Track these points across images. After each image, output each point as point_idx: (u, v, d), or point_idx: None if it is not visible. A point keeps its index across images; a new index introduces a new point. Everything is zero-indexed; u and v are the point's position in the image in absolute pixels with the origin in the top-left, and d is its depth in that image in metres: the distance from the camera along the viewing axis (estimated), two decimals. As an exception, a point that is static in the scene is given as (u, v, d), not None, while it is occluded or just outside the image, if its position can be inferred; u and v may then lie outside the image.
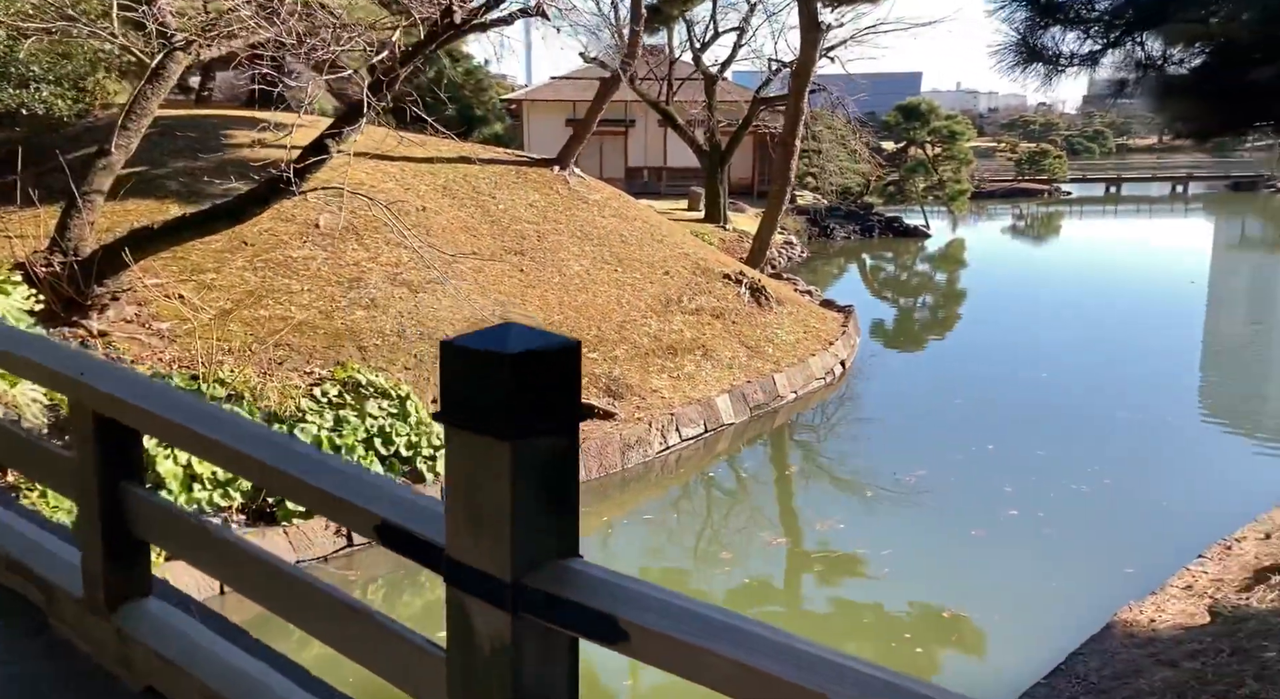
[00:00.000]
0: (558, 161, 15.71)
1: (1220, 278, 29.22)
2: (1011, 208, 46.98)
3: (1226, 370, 16.33)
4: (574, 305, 12.34)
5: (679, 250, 15.06)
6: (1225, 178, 56.32)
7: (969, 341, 17.78)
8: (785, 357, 13.44)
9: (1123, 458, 10.70)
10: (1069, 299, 22.84)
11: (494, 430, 1.46)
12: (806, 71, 19.05)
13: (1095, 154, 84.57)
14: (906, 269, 30.68)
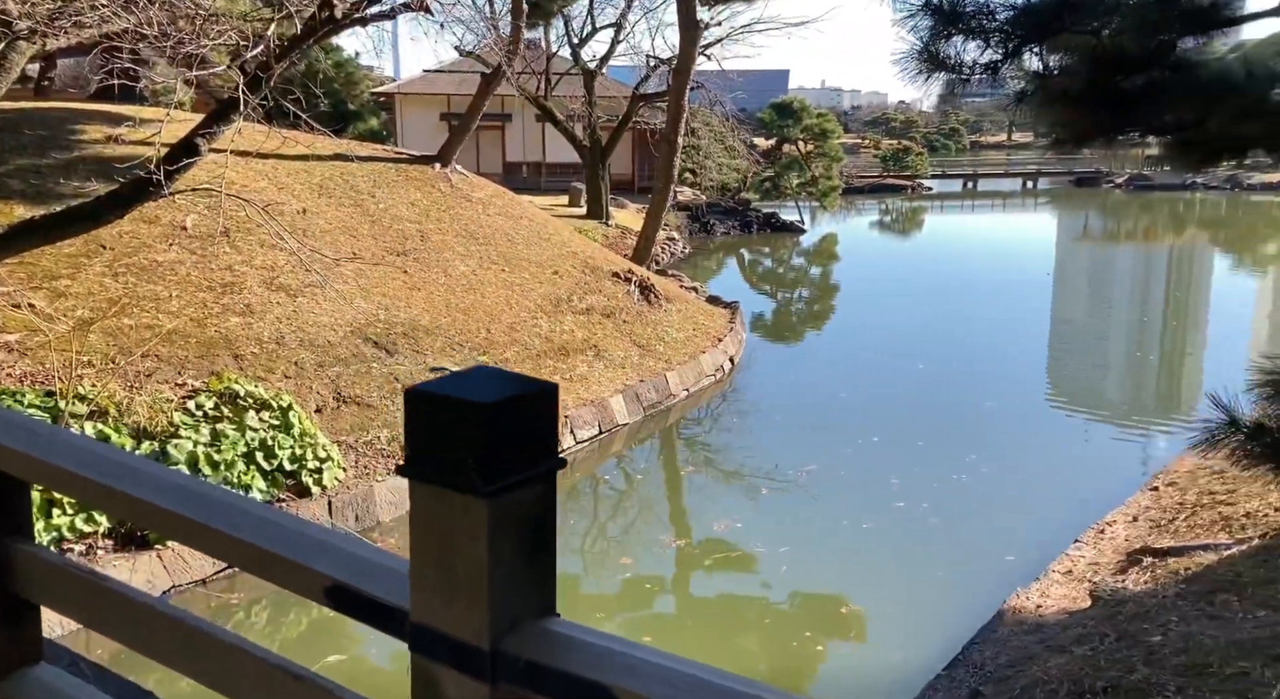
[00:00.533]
0: (439, 159, 15.32)
1: (1064, 268, 31.11)
2: (878, 203, 48.70)
3: (1073, 356, 17.32)
4: (462, 307, 12.06)
5: (567, 249, 14.93)
6: (1069, 174, 59.87)
7: (847, 335, 18.31)
8: (676, 354, 13.51)
9: (996, 446, 11.20)
10: (937, 291, 23.94)
11: (469, 486, 1.35)
12: (686, 69, 19.19)
13: (952, 151, 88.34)
14: (783, 263, 31.37)
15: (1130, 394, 15.09)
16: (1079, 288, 27.93)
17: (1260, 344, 19.06)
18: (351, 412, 9.93)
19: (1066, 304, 24.03)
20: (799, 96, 38.68)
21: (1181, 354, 17.94)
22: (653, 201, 20.37)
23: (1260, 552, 5.87)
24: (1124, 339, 19.58)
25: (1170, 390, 15.39)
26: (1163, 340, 19.44)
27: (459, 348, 11.37)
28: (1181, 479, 8.46)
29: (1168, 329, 20.63)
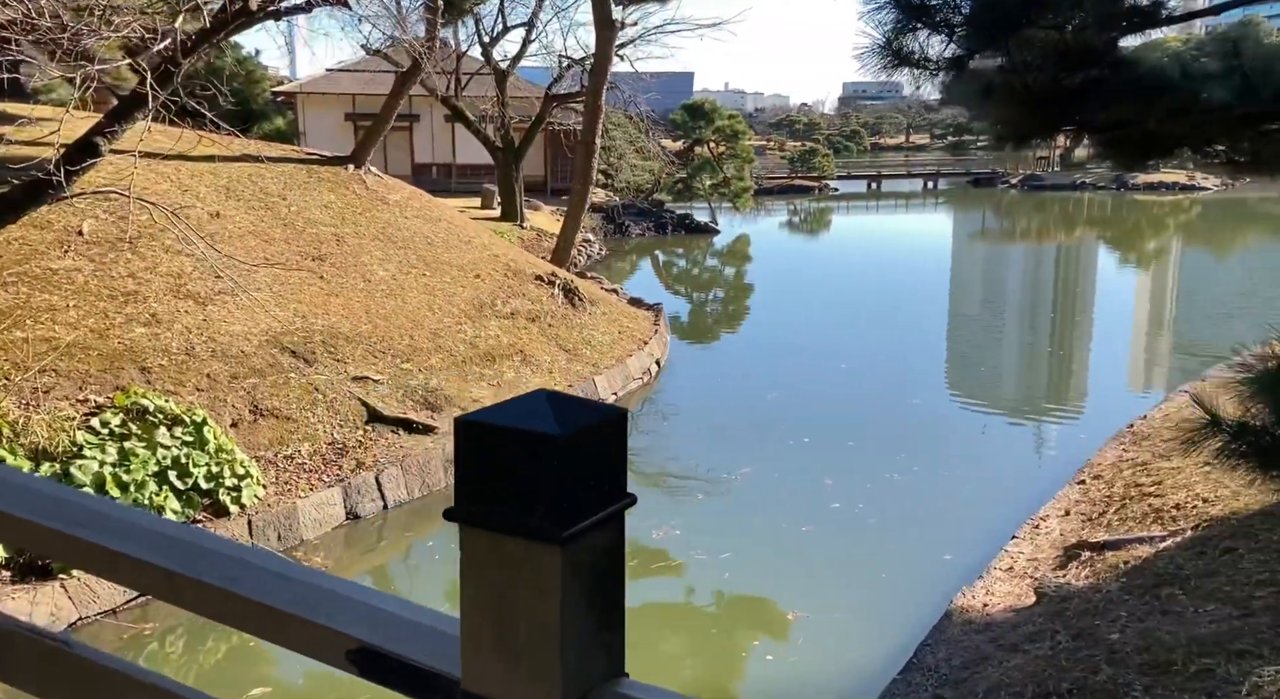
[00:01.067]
0: (352, 160, 14.80)
1: (961, 265, 32.14)
2: (787, 204, 49.48)
3: (977, 352, 17.80)
4: (383, 313, 11.64)
5: (488, 252, 14.59)
6: (967, 174, 61.94)
7: (767, 334, 18.40)
8: (603, 358, 13.34)
9: (924, 443, 11.36)
10: (849, 289, 24.50)
11: (539, 532, 1.16)
12: (603, 69, 19.02)
13: (854, 152, 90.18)
14: (699, 265, 31.52)
15: (1029, 386, 15.52)
16: (976, 285, 28.82)
17: (1141, 335, 20.03)
18: (270, 425, 9.46)
19: (963, 301, 24.74)
20: (711, 98, 38.91)
21: (1071, 347, 18.56)
22: (571, 203, 20.14)
23: (1194, 543, 6.02)
24: (1021, 334, 20.21)
25: (1066, 382, 15.85)
26: (1055, 334, 20.11)
27: (381, 355, 10.97)
28: (1106, 472, 8.68)
29: (1059, 323, 21.35)
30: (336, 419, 9.90)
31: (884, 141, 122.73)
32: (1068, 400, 14.45)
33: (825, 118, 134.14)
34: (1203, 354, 16.64)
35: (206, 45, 7.56)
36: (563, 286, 14.56)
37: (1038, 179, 55.78)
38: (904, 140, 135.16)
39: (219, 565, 1.55)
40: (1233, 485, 6.82)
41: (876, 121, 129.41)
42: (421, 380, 10.93)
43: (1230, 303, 23.13)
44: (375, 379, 10.61)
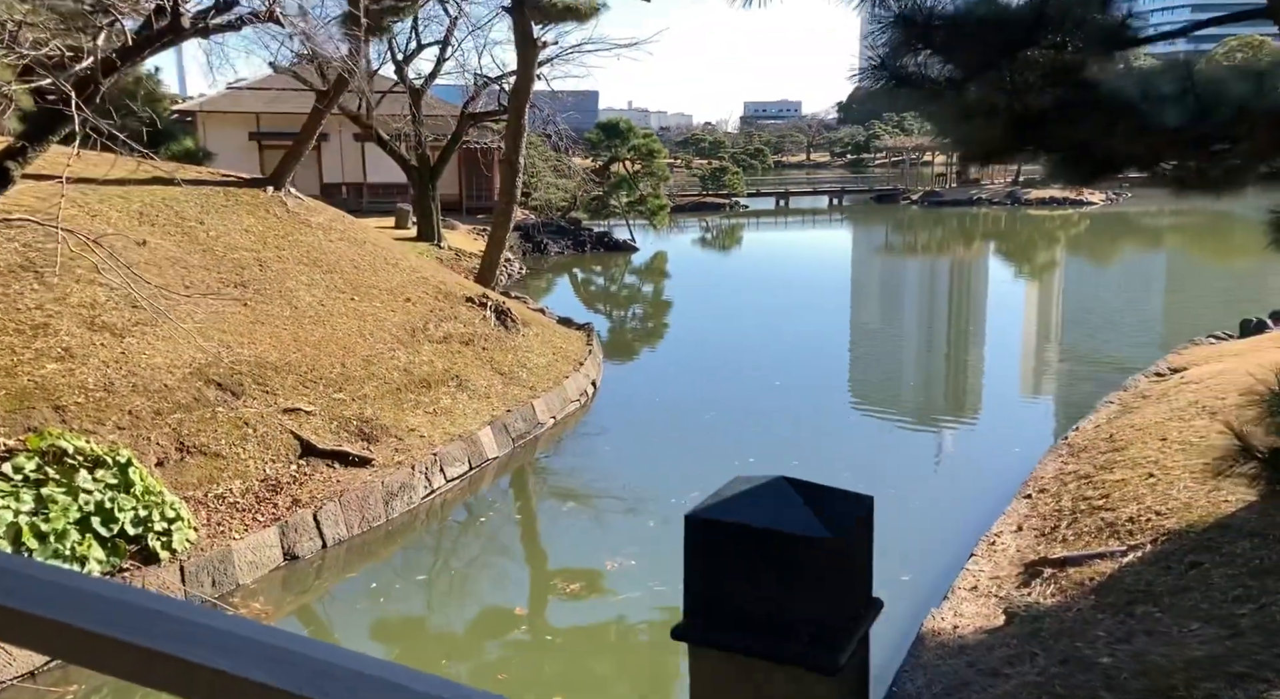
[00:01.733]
0: (271, 182, 14.24)
1: (864, 279, 32.95)
2: (699, 221, 49.96)
3: (895, 365, 18.19)
4: (312, 341, 11.17)
5: (416, 275, 14.19)
6: (870, 191, 63.68)
7: (696, 352, 18.40)
8: (540, 381, 13.09)
9: (867, 460, 11.46)
10: (769, 304, 24.86)
11: (810, 661, 0.99)
12: (525, 88, 18.83)
13: (758, 170, 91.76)
14: (620, 282, 31.46)
15: (951, 397, 15.89)
16: (878, 298, 29.54)
17: (1030, 343, 20.82)
18: (198, 463, 8.95)
19: (866, 313, 25.34)
20: (625, 118, 39.05)
21: (982, 357, 19.11)
22: (494, 223, 19.83)
23: (1157, 558, 6.15)
24: (932, 346, 20.73)
25: (986, 390, 16.25)
26: (961, 346, 20.67)
27: (313, 385, 10.52)
28: (1050, 485, 8.87)
29: (960, 336, 21.96)
30: (269, 454, 9.43)
31: (786, 159, 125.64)
32: (986, 409, 14.76)
33: (729, 136, 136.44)
34: (1087, 361, 17.53)
35: (130, 63, 7.11)
36: (495, 308, 14.27)
37: (937, 195, 57.65)
38: (805, 158, 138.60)
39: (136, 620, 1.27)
40: (1182, 498, 7.02)
41: (779, 140, 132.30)
42: (356, 410, 10.52)
43: (1110, 311, 24.51)
44: (307, 410, 10.16)
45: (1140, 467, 8.21)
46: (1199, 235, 44.04)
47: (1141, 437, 9.16)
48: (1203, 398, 9.81)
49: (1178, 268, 34.61)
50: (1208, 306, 24.44)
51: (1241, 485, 6.87)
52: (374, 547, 9.24)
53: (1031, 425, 13.44)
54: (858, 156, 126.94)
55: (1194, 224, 47.36)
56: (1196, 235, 44.32)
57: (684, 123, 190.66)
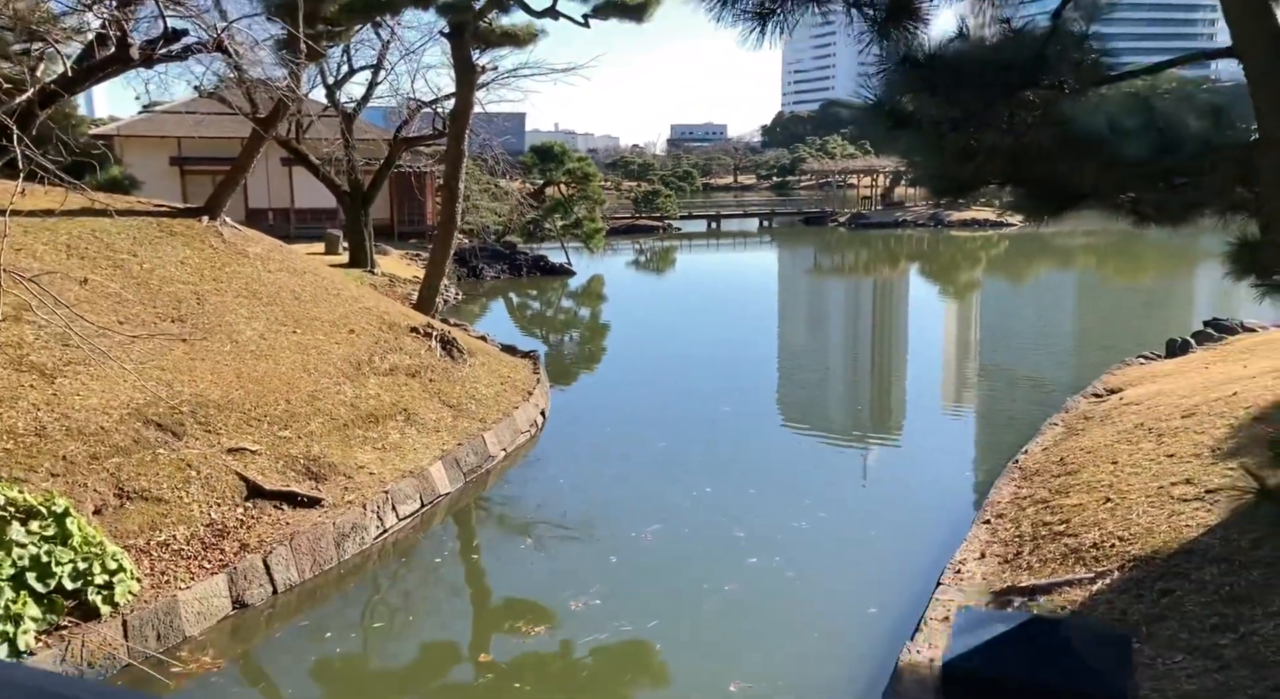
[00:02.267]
0: (206, 211, 13.76)
1: (797, 300, 33.42)
2: (633, 243, 50.13)
3: (826, 386, 18.41)
4: (254, 377, 10.78)
5: (359, 305, 13.85)
6: (799, 213, 64.72)
7: (641, 377, 18.33)
8: (489, 413, 12.86)
9: (825, 487, 11.49)
10: (708, 325, 25.08)
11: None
12: (465, 113, 18.65)
13: (687, 192, 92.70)
14: (557, 307, 31.30)
15: (879, 418, 16.10)
16: (810, 318, 29.98)
17: (950, 360, 21.41)
18: (139, 509, 8.53)
19: (797, 334, 25.70)
20: (559, 141, 39.03)
21: (914, 378, 19.51)
22: (435, 249, 19.54)
23: (1127, 585, 6.25)
24: (871, 370, 21.03)
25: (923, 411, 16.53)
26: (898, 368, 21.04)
27: (257, 423, 10.14)
28: (1007, 510, 9.00)
29: (897, 358, 22.33)
30: (213, 497, 9.04)
31: (714, 182, 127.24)
32: (926, 430, 14.93)
33: (658, 159, 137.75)
34: (1004, 377, 18.06)
35: (72, 93, 6.79)
36: (440, 338, 14.00)
37: (864, 217, 58.87)
38: (733, 180, 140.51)
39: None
40: (1143, 523, 7.17)
41: (706, 162, 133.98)
42: (303, 448, 10.17)
43: (1024, 328, 25.46)
44: (253, 450, 9.78)
45: (1096, 491, 8.38)
46: (1109, 255, 45.91)
47: (1092, 460, 9.37)
48: (1146, 420, 10.09)
49: (1092, 287, 35.85)
50: (1124, 323, 25.36)
51: (1200, 510, 7.05)
52: (327, 591, 8.91)
53: (973, 445, 13.69)
54: (783, 179, 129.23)
55: (1104, 245, 49.47)
56: (1107, 255, 46.17)
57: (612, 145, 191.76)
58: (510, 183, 33.89)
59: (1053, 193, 6.35)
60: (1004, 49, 4.10)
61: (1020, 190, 6.36)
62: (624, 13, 17.90)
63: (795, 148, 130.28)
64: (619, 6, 17.76)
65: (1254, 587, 5.37)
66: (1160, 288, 35.18)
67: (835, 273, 43.03)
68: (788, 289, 36.63)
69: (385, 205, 34.87)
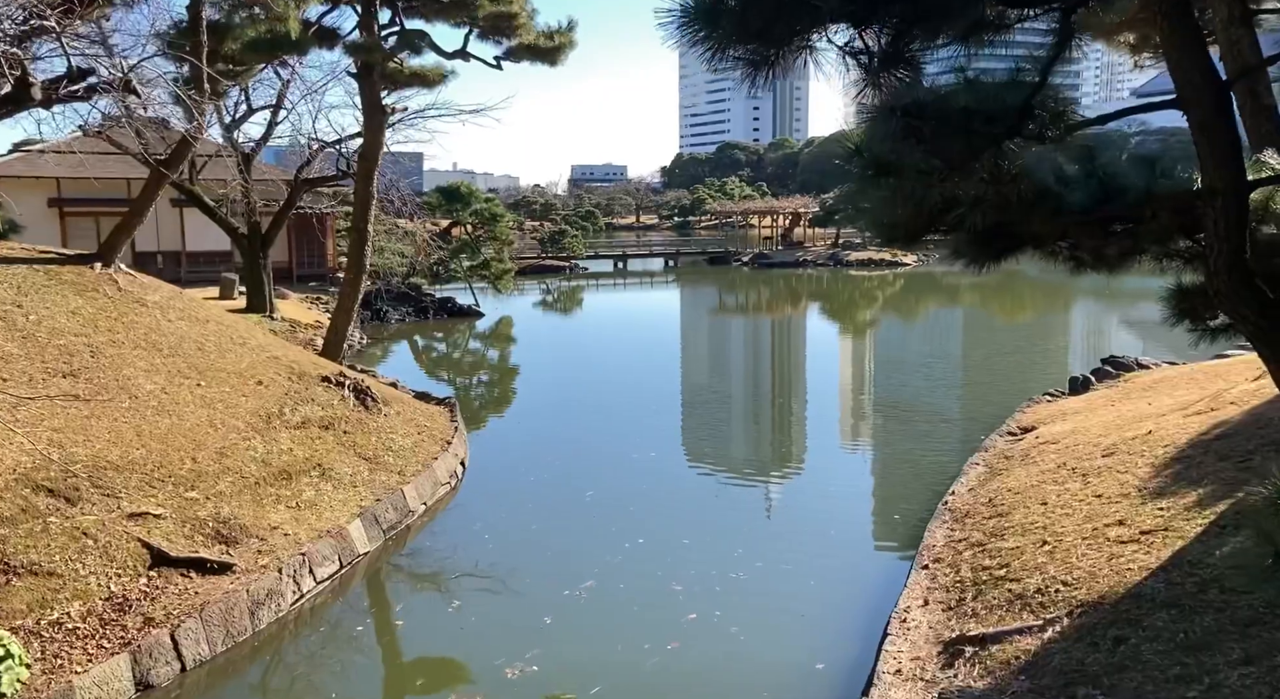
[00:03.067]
0: (99, 257, 12.93)
1: (703, 338, 33.70)
2: (539, 283, 49.85)
3: (709, 422, 18.47)
4: (157, 434, 10.07)
5: (267, 354, 13.19)
6: (704, 253, 65.58)
7: (559, 421, 17.99)
8: (408, 465, 12.35)
9: (755, 536, 11.35)
10: (620, 367, 25.02)
11: None
12: (374, 154, 18.20)
13: (589, 232, 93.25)
14: (462, 349, 30.73)
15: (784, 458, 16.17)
16: (724, 358, 30.22)
17: (846, 394, 22.08)
18: (28, 584, 7.79)
19: (707, 374, 25.86)
20: (465, 181, 38.63)
21: (810, 418, 19.84)
22: (343, 294, 18.90)
23: (1079, 632, 6.25)
24: (777, 408, 21.20)
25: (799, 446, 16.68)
26: (802, 410, 21.31)
27: (161, 484, 9.45)
28: (944, 554, 9.01)
29: (801, 397, 22.63)
30: (113, 567, 8.35)
31: (617, 221, 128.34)
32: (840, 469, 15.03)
33: (560, 198, 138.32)
34: (914, 416, 18.58)
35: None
36: (353, 388, 13.44)
37: (766, 257, 60.03)
38: (635, 220, 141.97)
39: None
40: (1084, 566, 7.23)
41: (608, 202, 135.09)
42: (211, 509, 9.52)
43: (916, 362, 26.44)
44: (156, 514, 9.10)
45: (1031, 533, 8.46)
46: (994, 293, 48.13)
47: (1022, 501, 9.50)
48: (1068, 460, 10.32)
49: (984, 323, 37.18)
50: (1016, 359, 26.32)
51: (1139, 552, 7.16)
52: (241, 665, 8.28)
53: (894, 485, 13.80)
54: (684, 219, 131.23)
55: (990, 283, 51.79)
56: (992, 293, 48.38)
57: (512, 185, 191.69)
58: (415, 223, 33.28)
59: (996, 240, 6.43)
60: (990, 99, 4.09)
61: (963, 238, 6.43)
62: (538, 56, 17.82)
63: (695, 189, 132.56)
64: (534, 50, 17.67)
65: (1209, 634, 5.41)
66: (1042, 324, 36.89)
67: (740, 311, 43.56)
68: (697, 328, 36.86)
69: (283, 247, 33.77)
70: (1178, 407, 11.54)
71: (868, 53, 4.18)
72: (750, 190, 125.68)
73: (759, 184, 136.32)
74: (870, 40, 4.14)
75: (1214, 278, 5.05)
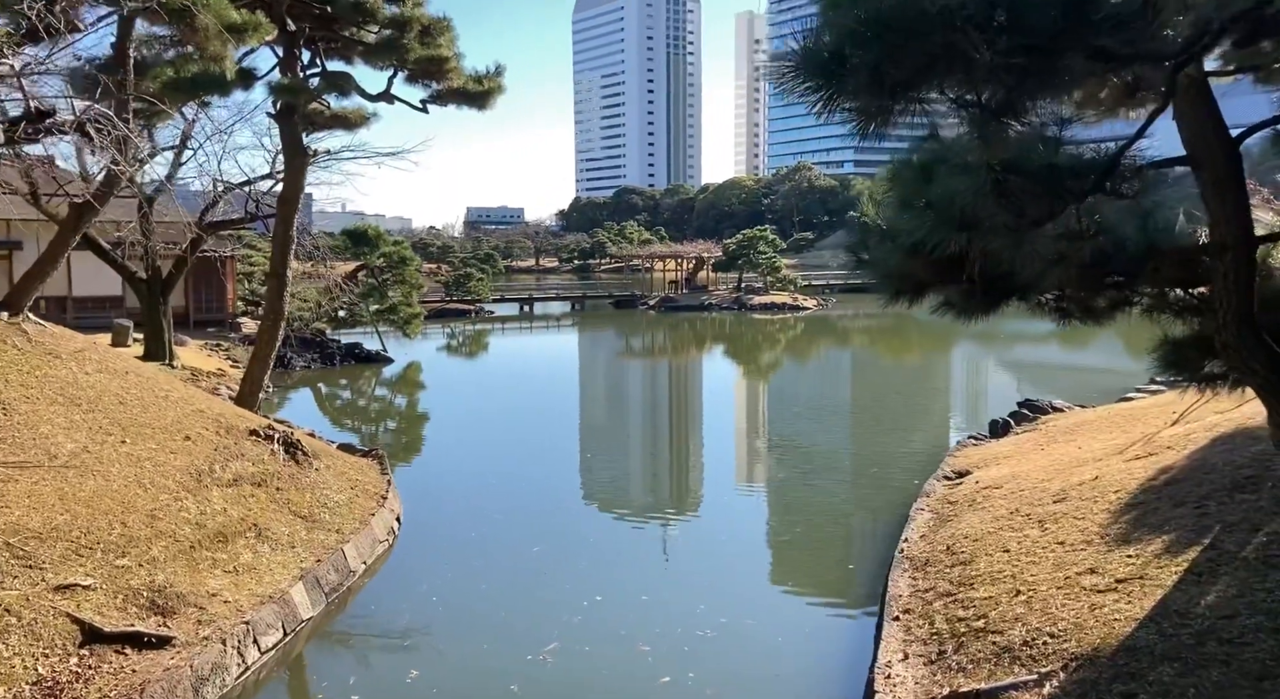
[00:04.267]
0: (6, 307, 11.99)
1: (608, 381, 33.67)
2: (444, 327, 49.00)
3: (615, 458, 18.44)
4: (81, 497, 9.31)
5: (191, 407, 12.43)
6: (610, 296, 65.81)
7: (489, 467, 17.50)
8: (345, 522, 11.77)
9: (716, 589, 11.17)
10: (541, 413, 24.69)
11: None
12: (294, 197, 17.61)
13: (489, 274, 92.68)
14: (366, 396, 29.86)
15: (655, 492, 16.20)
16: (616, 399, 30.24)
17: (742, 435, 22.63)
18: (-54, 671, 7.02)
19: (604, 415, 25.81)
20: (373, 225, 37.85)
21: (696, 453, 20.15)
22: (259, 342, 18.08)
23: (1081, 688, 6.28)
24: (647, 441, 21.25)
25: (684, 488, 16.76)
26: (681, 445, 21.44)
27: (89, 552, 8.71)
28: (913, 605, 9.02)
29: (684, 433, 22.82)
30: (39, 647, 7.62)
31: (516, 264, 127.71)
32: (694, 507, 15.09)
33: (457, 241, 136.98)
34: (794, 449, 19.10)
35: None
36: (283, 441, 12.78)
37: (672, 301, 60.59)
38: (535, 263, 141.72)
39: None
40: (1068, 616, 7.32)
41: (507, 245, 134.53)
42: (145, 578, 8.82)
43: (808, 402, 27.43)
44: (85, 585, 8.38)
45: (1001, 582, 8.56)
46: (885, 334, 50.15)
47: (983, 548, 9.62)
48: (1020, 506, 10.54)
49: (888, 366, 38.25)
50: (925, 400, 27.10)
51: (1120, 602, 7.30)
52: (184, 751, 7.63)
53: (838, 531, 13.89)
54: (585, 262, 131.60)
55: (882, 326, 54.07)
56: (884, 335, 50.37)
57: (405, 227, 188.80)
58: (325, 267, 32.33)
59: (990, 293, 6.56)
60: (1077, 156, 4.15)
61: (956, 291, 6.53)
62: (467, 100, 17.61)
63: (595, 232, 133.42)
64: (463, 94, 17.47)
65: (1221, 689, 5.50)
66: (928, 365, 38.49)
67: (646, 354, 43.69)
68: (613, 372, 36.74)
69: (179, 291, 32.23)
70: (1112, 450, 11.97)
71: (979, 105, 4.21)
72: (649, 234, 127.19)
73: (657, 228, 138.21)
74: (985, 93, 4.17)
75: (1223, 330, 5.23)
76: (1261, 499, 7.97)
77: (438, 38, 16.96)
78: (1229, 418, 11.05)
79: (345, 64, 18.70)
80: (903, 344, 45.87)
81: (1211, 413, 12.42)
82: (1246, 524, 7.59)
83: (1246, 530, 7.48)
